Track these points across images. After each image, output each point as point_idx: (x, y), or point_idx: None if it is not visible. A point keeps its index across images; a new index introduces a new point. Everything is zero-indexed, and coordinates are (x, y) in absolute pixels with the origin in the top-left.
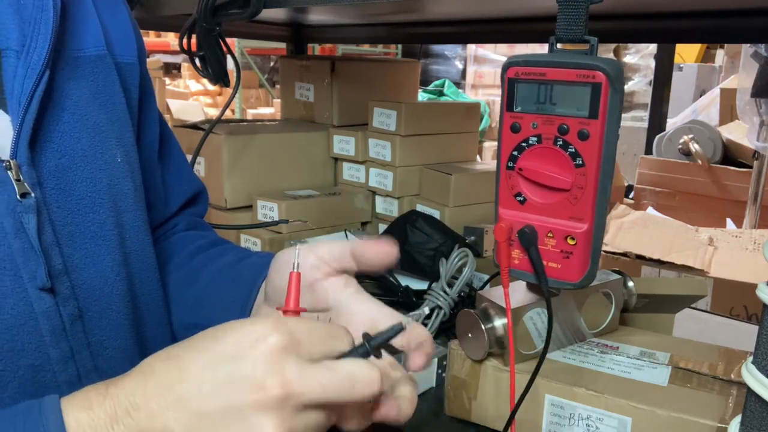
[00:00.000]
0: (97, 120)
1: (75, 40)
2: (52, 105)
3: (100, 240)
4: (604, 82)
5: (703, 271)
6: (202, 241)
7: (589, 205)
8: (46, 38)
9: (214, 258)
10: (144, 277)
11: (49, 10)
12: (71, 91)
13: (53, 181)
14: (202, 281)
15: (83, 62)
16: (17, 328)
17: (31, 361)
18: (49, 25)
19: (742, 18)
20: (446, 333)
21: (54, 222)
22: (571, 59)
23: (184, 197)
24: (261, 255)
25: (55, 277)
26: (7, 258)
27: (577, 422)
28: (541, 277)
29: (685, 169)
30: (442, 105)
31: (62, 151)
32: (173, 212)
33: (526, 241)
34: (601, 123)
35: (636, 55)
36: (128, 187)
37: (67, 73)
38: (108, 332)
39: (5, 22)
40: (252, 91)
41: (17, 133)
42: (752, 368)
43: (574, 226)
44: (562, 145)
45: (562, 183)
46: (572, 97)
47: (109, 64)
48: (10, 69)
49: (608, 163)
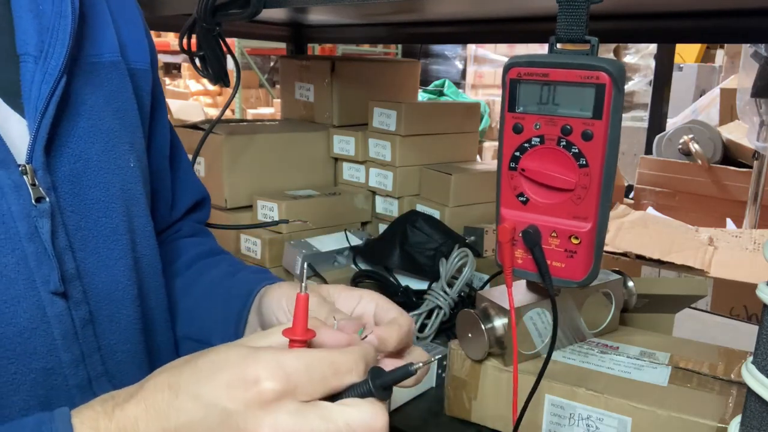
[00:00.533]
0: (111, 125)
1: (91, 46)
2: (68, 110)
3: (113, 245)
4: (608, 83)
5: (703, 271)
6: (201, 248)
7: (593, 205)
8: (64, 44)
9: (207, 269)
10: (152, 282)
11: (68, 16)
12: (87, 97)
13: (67, 186)
14: (194, 294)
15: (99, 68)
16: (30, 332)
17: (43, 365)
18: (67, 31)
19: (742, 18)
20: (446, 333)
21: (67, 226)
22: (574, 60)
23: (189, 203)
24: (253, 270)
25: (68, 282)
26: (21, 262)
27: (577, 422)
28: (546, 276)
29: (685, 169)
30: (442, 105)
31: (77, 155)
32: (178, 217)
33: (531, 241)
34: (605, 123)
35: (636, 55)
36: (140, 192)
37: (83, 78)
38: (118, 336)
39: (25, 28)
40: (252, 91)
41: (33, 137)
42: (752, 368)
43: (578, 225)
44: (566, 145)
45: (566, 183)
46: (576, 97)
47: (122, 70)
48: (28, 74)
49: (611, 162)
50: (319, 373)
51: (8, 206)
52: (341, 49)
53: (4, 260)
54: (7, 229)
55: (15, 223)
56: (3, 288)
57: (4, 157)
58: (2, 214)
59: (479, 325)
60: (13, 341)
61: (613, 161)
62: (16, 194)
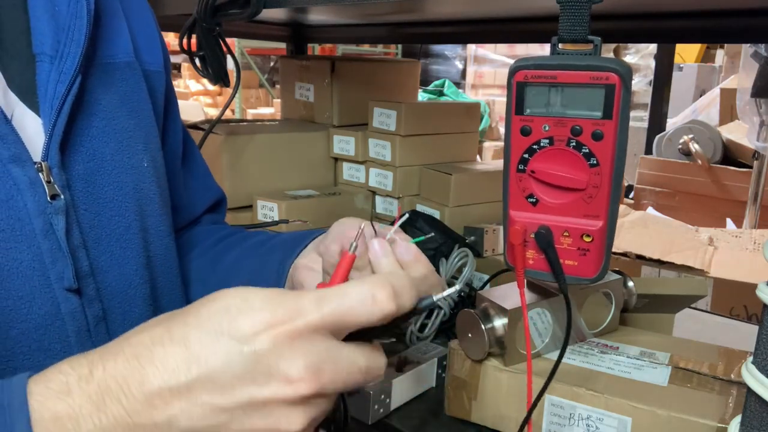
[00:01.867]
0: (125, 125)
1: (106, 47)
2: (83, 110)
3: (125, 243)
4: (617, 83)
5: (703, 271)
6: (225, 231)
7: (604, 203)
8: (79, 45)
9: (240, 242)
10: (167, 281)
11: (83, 17)
12: (101, 97)
13: (81, 184)
14: (226, 263)
15: (113, 69)
16: (44, 328)
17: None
18: (82, 32)
19: (742, 18)
20: (446, 333)
21: (81, 224)
22: (581, 62)
23: (206, 203)
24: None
25: (82, 279)
26: (36, 258)
27: (577, 422)
28: (560, 276)
29: (685, 169)
30: (442, 105)
31: (91, 154)
32: (196, 217)
33: (544, 241)
34: (615, 123)
35: (636, 55)
36: (153, 191)
37: (97, 79)
38: None
39: (41, 28)
40: (252, 91)
41: (49, 135)
42: (752, 368)
43: (590, 223)
44: (576, 146)
45: (577, 183)
46: (585, 98)
47: (137, 72)
48: (44, 73)
49: (621, 160)
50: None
51: (24, 203)
52: (341, 49)
53: (20, 257)
54: (23, 225)
55: (30, 220)
56: (18, 284)
57: (21, 154)
58: (18, 211)
59: (479, 325)
60: (27, 337)
61: (623, 159)
62: (31, 191)
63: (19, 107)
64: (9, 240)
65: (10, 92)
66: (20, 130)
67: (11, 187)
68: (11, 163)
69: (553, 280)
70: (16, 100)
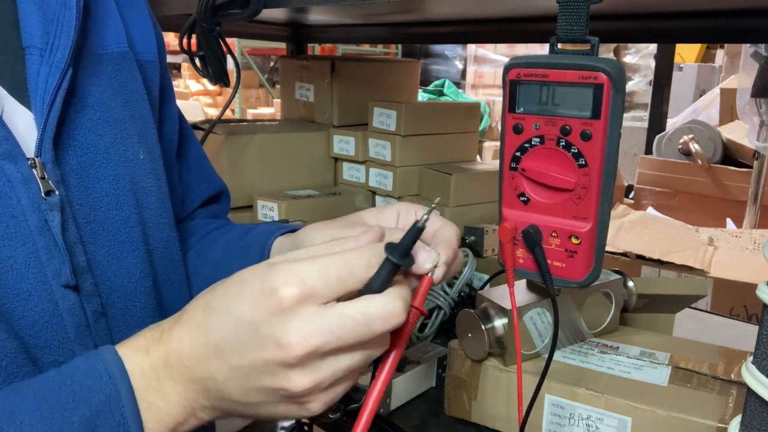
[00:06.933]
0: (119, 117)
1: (97, 37)
2: (75, 102)
3: (124, 237)
4: (606, 83)
5: (703, 271)
6: (214, 225)
7: (593, 205)
8: (69, 36)
9: (221, 236)
10: (169, 274)
11: (72, 8)
12: (94, 89)
13: (76, 179)
14: (212, 261)
15: (105, 60)
16: (42, 325)
17: (56, 358)
18: (71, 23)
19: (742, 18)
20: (446, 333)
21: (77, 219)
22: (572, 60)
23: (203, 196)
24: (267, 224)
25: (79, 275)
26: (32, 255)
27: (577, 422)
28: (546, 276)
29: (685, 169)
30: (442, 105)
31: (85, 148)
32: (191, 210)
33: (531, 240)
34: (604, 123)
35: (636, 55)
36: (151, 184)
37: (89, 70)
38: (132, 329)
39: (30, 20)
40: (252, 91)
41: (41, 131)
42: (752, 368)
43: (578, 225)
44: (565, 145)
45: (565, 183)
46: (574, 98)
47: (130, 62)
48: (34, 67)
49: (611, 162)
50: (334, 275)
51: (18, 200)
52: (341, 49)
53: (15, 254)
54: (18, 222)
55: (25, 217)
56: (15, 281)
57: (13, 150)
58: (12, 208)
59: (479, 325)
60: (26, 335)
61: (613, 161)
62: (25, 188)
63: (9, 102)
64: (4, 238)
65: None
66: (11, 125)
67: (4, 184)
68: (4, 160)
69: (541, 281)
70: (5, 95)
